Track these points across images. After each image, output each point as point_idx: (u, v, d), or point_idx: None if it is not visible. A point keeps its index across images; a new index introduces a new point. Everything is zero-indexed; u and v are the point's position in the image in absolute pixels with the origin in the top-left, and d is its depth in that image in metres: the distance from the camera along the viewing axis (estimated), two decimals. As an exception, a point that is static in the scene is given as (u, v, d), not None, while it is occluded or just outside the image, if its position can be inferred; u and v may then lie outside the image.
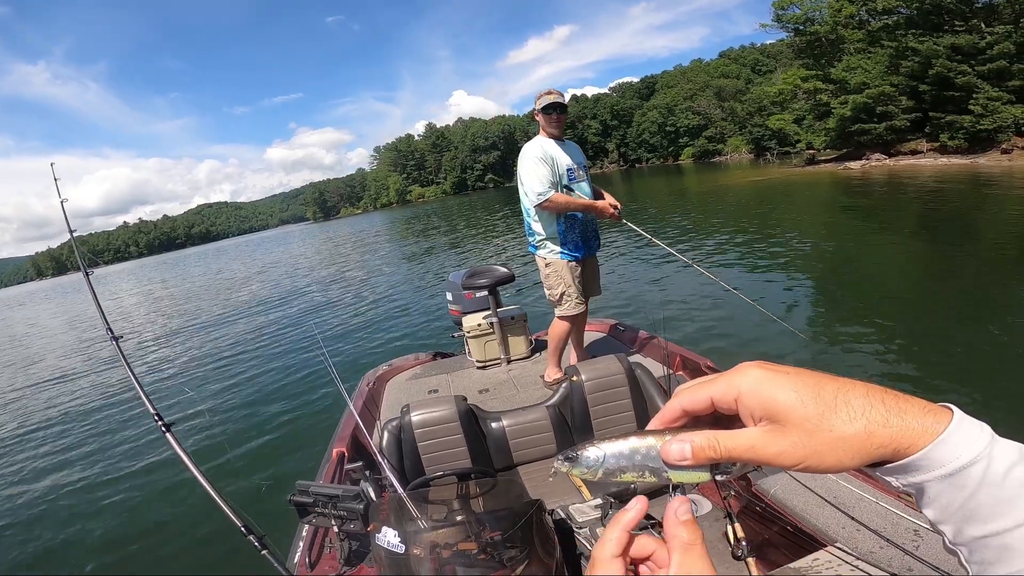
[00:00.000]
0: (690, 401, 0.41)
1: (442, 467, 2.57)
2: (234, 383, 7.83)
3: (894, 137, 28.80)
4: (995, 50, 24.53)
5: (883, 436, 0.35)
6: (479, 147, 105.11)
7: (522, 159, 3.38)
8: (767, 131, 50.43)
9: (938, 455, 0.34)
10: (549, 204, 3.24)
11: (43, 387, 10.32)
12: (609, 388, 2.83)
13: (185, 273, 42.21)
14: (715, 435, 0.39)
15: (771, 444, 0.37)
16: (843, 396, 0.36)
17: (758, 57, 77.65)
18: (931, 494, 0.35)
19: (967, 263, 7.78)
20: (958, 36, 25.80)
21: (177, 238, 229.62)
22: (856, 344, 5.50)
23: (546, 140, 3.38)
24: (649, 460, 0.41)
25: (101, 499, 4.97)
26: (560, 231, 3.37)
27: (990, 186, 15.82)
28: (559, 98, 3.38)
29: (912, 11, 28.15)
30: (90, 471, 5.65)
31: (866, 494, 1.91)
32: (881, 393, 0.36)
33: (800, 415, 0.36)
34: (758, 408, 0.37)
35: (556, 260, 3.39)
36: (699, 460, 0.39)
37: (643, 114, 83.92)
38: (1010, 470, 0.33)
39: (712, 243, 11.92)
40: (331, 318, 11.33)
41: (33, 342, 18.68)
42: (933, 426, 0.34)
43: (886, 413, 0.35)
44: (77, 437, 6.78)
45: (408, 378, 4.01)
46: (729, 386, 0.39)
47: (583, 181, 3.43)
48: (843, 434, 0.35)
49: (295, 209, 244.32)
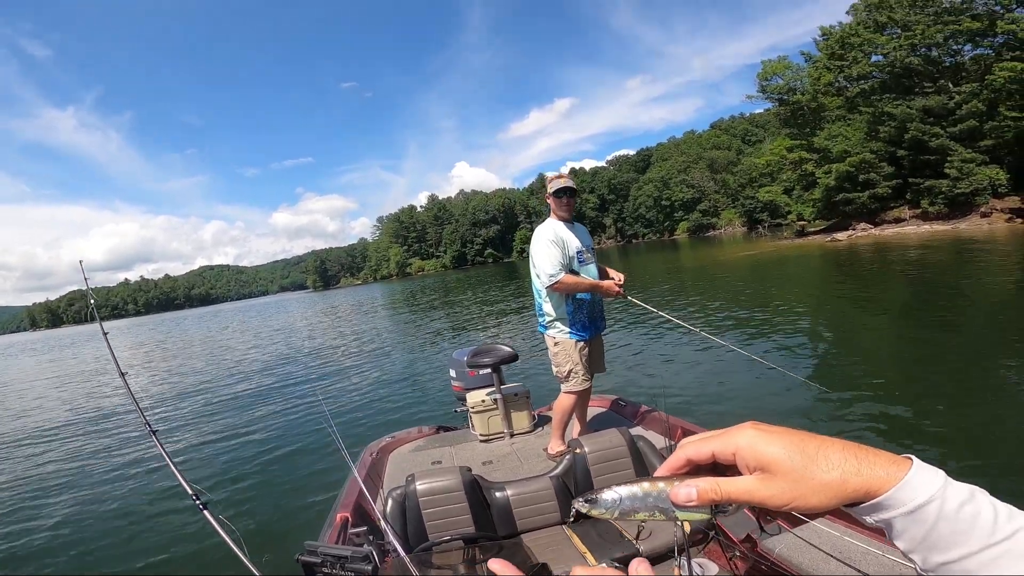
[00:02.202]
0: (694, 453, 0.48)
1: (447, 534, 2.59)
2: (235, 449, 7.86)
3: (878, 205, 29.68)
4: (964, 110, 25.68)
5: (856, 482, 0.42)
6: (479, 221, 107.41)
7: (535, 241, 3.50)
8: (758, 203, 51.60)
9: (900, 496, 0.41)
10: (560, 285, 3.38)
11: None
12: (612, 460, 2.87)
13: (184, 334, 42.03)
14: (717, 481, 0.46)
15: (764, 489, 0.44)
16: (823, 451, 0.43)
17: (748, 127, 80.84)
18: (898, 528, 0.41)
19: (953, 334, 8.03)
20: (928, 98, 27.13)
21: (176, 299, 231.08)
22: (847, 405, 5.76)
23: (557, 223, 3.51)
24: (660, 502, 0.48)
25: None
26: (569, 312, 3.50)
27: (973, 252, 16.30)
28: (569, 182, 3.54)
29: (885, 75, 29.77)
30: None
31: (870, 547, 1.92)
32: (855, 448, 0.43)
33: (788, 466, 0.43)
34: (752, 460, 0.45)
35: (565, 340, 3.51)
36: (703, 502, 0.46)
37: (639, 188, 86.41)
38: (962, 506, 0.39)
39: (711, 316, 12.27)
40: (334, 388, 11.30)
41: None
42: (896, 473, 0.41)
43: (858, 464, 0.42)
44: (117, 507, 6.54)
45: (411, 450, 4.07)
46: (728, 442, 0.47)
47: (591, 264, 3.58)
48: (823, 481, 0.42)
49: (295, 276, 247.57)
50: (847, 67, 30.96)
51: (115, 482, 7.32)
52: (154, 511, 6.14)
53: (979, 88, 25.46)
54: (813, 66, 34.03)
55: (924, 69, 28.05)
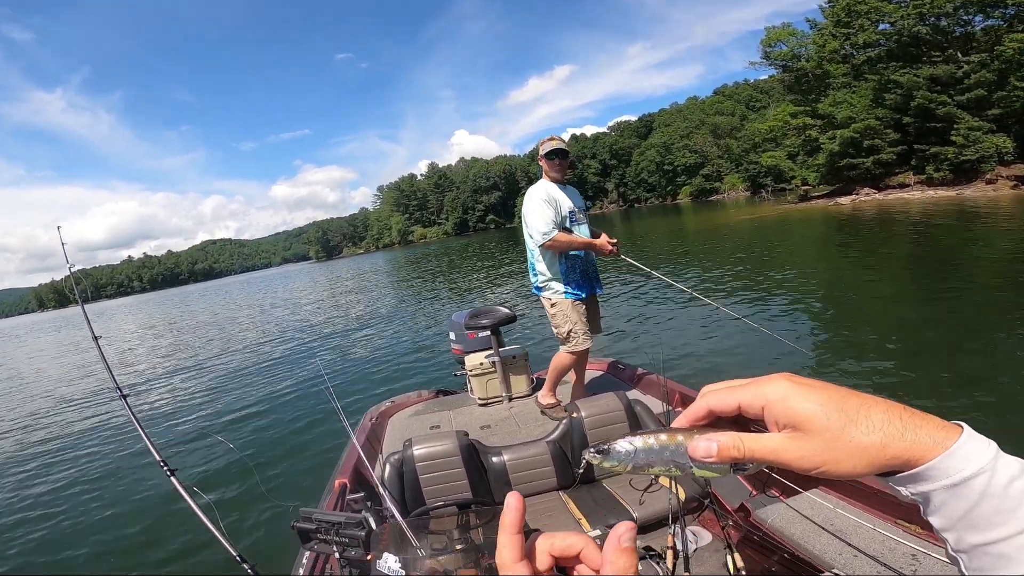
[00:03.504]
0: (718, 403, 0.44)
1: (443, 499, 2.61)
2: (240, 415, 8.05)
3: (882, 171, 29.39)
4: (972, 79, 25.27)
5: (897, 448, 0.38)
6: (481, 187, 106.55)
7: (527, 201, 3.56)
8: (761, 168, 51.14)
9: (945, 466, 0.37)
10: (553, 243, 3.42)
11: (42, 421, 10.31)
12: (609, 424, 2.86)
13: (190, 308, 42.39)
14: (740, 437, 0.42)
15: (793, 449, 0.40)
16: (864, 411, 0.39)
17: (752, 93, 79.06)
18: (936, 502, 0.37)
19: (958, 297, 8.07)
20: (936, 67, 26.64)
21: (180, 274, 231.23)
22: (858, 370, 5.76)
23: (549, 184, 3.56)
24: (677, 456, 0.44)
25: (96, 531, 5.05)
26: (562, 271, 3.54)
27: (977, 218, 16.25)
28: (561, 144, 3.59)
29: (892, 44, 29.11)
30: (87, 503, 5.74)
31: (864, 521, 1.93)
32: (900, 410, 0.39)
33: (823, 425, 0.39)
34: (783, 416, 0.40)
35: (561, 300, 3.55)
36: (723, 458, 0.42)
37: (641, 153, 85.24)
38: (1011, 482, 0.35)
39: (711, 279, 12.30)
40: (336, 354, 11.51)
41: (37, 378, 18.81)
42: (943, 440, 0.37)
43: (902, 428, 0.38)
44: (77, 474, 6.77)
45: (410, 414, 4.07)
46: (757, 394, 0.42)
47: (583, 224, 3.61)
48: (860, 444, 0.38)
49: (298, 248, 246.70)
50: (853, 35, 30.26)
51: (89, 451, 7.43)
52: (124, 480, 6.20)
53: (989, 58, 24.91)
54: (818, 33, 33.27)
55: (932, 38, 27.34)
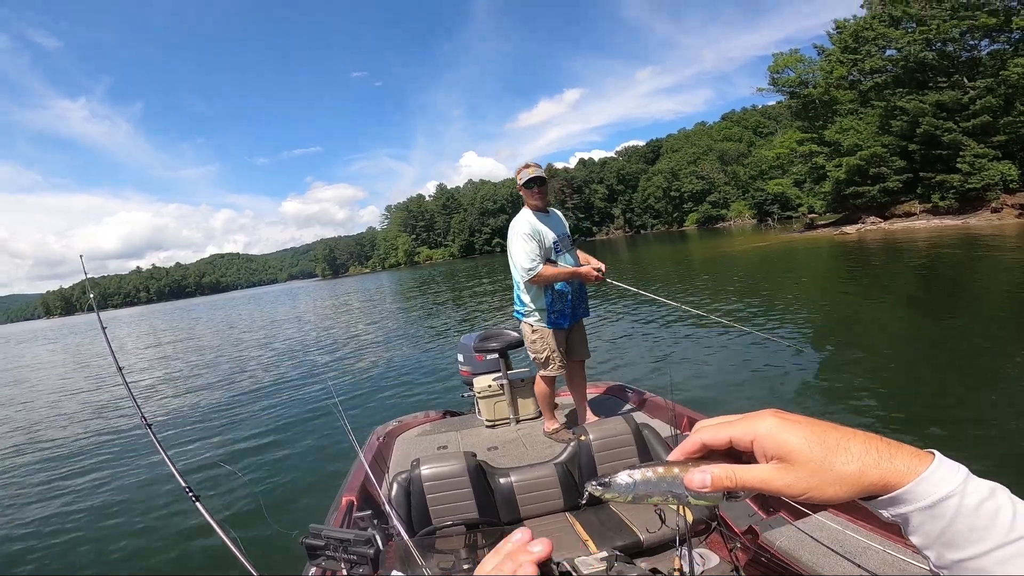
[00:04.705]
0: (711, 437, 0.48)
1: (450, 519, 2.60)
2: (248, 431, 8.07)
3: (888, 199, 29.46)
4: (978, 104, 25.44)
5: (874, 475, 0.41)
6: (488, 210, 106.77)
7: (511, 236, 3.55)
8: (768, 195, 51.23)
9: (919, 490, 0.40)
10: (539, 278, 3.45)
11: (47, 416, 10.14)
12: (617, 447, 2.86)
13: (196, 321, 42.52)
14: (732, 468, 0.45)
15: (780, 478, 0.43)
16: (844, 443, 0.42)
17: (759, 119, 79.25)
18: (914, 523, 0.41)
19: (961, 327, 8.14)
20: (942, 93, 26.83)
21: (187, 287, 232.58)
22: (855, 397, 5.84)
23: (531, 215, 3.56)
24: (674, 487, 0.47)
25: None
26: (548, 303, 3.56)
27: (983, 247, 16.29)
28: (538, 171, 3.58)
29: (899, 70, 29.36)
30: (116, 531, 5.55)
31: (873, 543, 1.92)
32: (876, 441, 0.42)
33: (807, 456, 0.42)
34: (771, 449, 0.44)
35: (543, 328, 3.60)
36: (717, 488, 0.45)
37: (648, 179, 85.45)
38: (982, 503, 0.39)
39: (717, 306, 12.37)
40: (343, 372, 11.55)
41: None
42: (916, 467, 0.41)
43: (878, 457, 0.41)
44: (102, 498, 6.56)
45: (418, 434, 4.08)
46: (748, 429, 0.45)
47: (567, 252, 3.61)
48: (840, 472, 0.41)
49: (304, 265, 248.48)
50: (860, 61, 30.61)
51: (108, 471, 7.19)
52: (148, 505, 5.99)
53: (995, 83, 25.21)
54: (826, 59, 33.70)
55: (939, 64, 27.67)
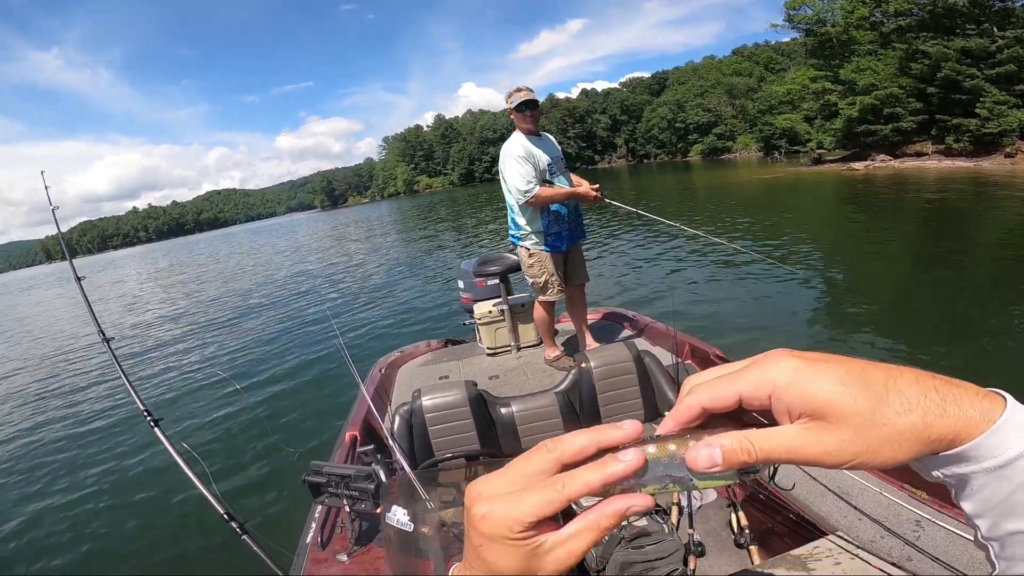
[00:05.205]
0: (711, 399, 0.36)
1: (452, 451, 2.61)
2: (248, 366, 8.13)
3: (900, 139, 28.81)
4: (1005, 54, 24.55)
5: (941, 427, 0.31)
6: (487, 139, 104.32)
7: (504, 158, 3.45)
8: (776, 130, 50.18)
9: (989, 445, 0.31)
10: (536, 199, 3.37)
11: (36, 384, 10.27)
12: (617, 375, 2.85)
13: (196, 258, 42.52)
14: (746, 436, 0.34)
15: (816, 443, 0.33)
16: (894, 385, 0.32)
17: (772, 55, 76.11)
18: (974, 486, 0.32)
19: (968, 264, 7.99)
20: (969, 39, 25.74)
21: (186, 224, 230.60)
22: (865, 332, 5.73)
23: (524, 138, 3.44)
24: (672, 470, 0.35)
25: (84, 489, 5.09)
26: (545, 225, 3.49)
27: (992, 189, 16.01)
28: (530, 95, 3.45)
29: (925, 14, 28.00)
30: (75, 463, 5.74)
31: (869, 484, 1.92)
32: (931, 379, 0.33)
33: (850, 409, 0.32)
34: (798, 403, 0.33)
35: (540, 251, 3.53)
36: (730, 465, 0.34)
37: (653, 110, 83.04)
38: None
39: (722, 229, 12.26)
40: (344, 305, 11.54)
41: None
42: (989, 412, 0.31)
43: (941, 402, 0.32)
44: (65, 430, 6.77)
45: (419, 364, 4.06)
46: (762, 380, 0.34)
47: (561, 174, 3.53)
48: (898, 426, 0.31)
49: (303, 197, 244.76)
50: (885, 2, 29.00)
51: (68, 398, 7.44)
52: (108, 432, 6.12)
53: (1023, 34, 24.07)
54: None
55: (969, 11, 26.21)
